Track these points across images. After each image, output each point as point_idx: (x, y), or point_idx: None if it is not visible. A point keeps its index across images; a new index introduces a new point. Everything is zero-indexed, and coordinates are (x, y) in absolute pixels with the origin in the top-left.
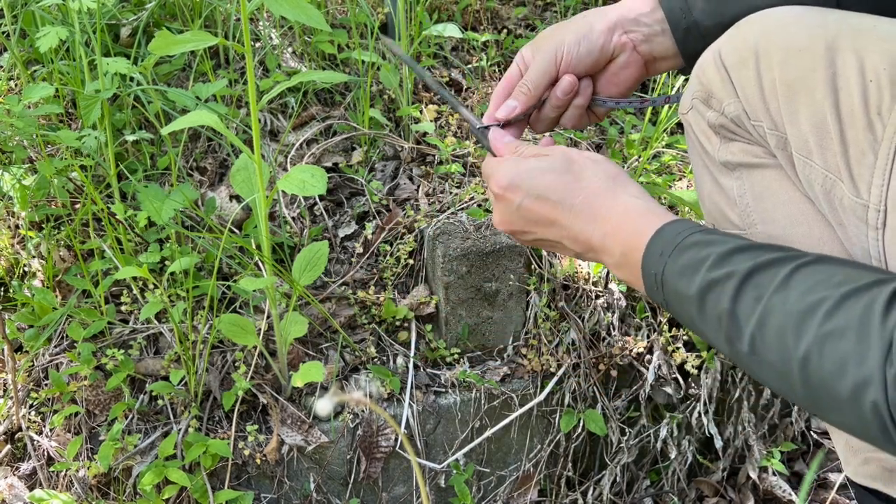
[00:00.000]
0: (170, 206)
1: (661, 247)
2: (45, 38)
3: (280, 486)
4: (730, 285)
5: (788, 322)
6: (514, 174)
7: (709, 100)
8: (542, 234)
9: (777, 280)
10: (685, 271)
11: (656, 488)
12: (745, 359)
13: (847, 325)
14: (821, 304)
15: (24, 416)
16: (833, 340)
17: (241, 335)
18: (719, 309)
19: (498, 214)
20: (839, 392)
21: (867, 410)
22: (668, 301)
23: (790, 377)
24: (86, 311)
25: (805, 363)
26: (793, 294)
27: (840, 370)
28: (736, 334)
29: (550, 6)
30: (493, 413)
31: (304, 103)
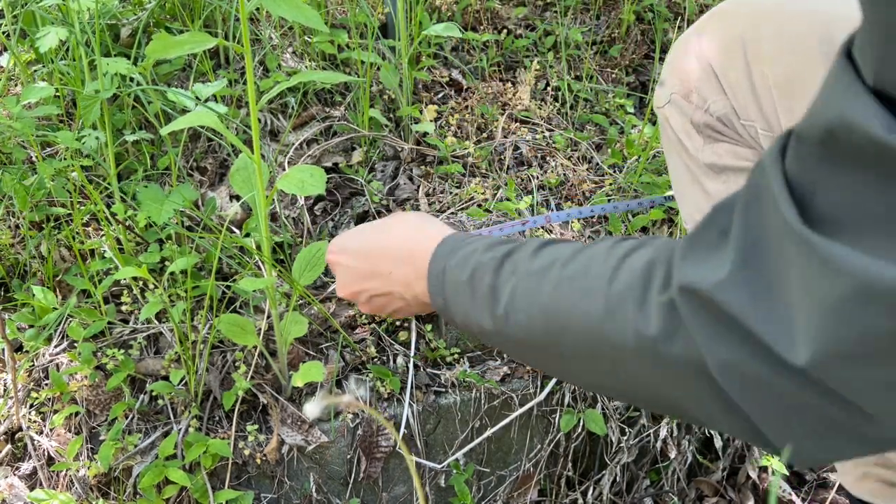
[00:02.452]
0: (169, 207)
1: (443, 249)
2: (45, 39)
3: (280, 486)
4: (492, 264)
5: (533, 279)
6: (340, 240)
7: (689, 95)
8: (374, 288)
9: (527, 253)
10: (460, 263)
11: (656, 488)
12: (501, 325)
13: (576, 269)
14: (559, 258)
15: (24, 415)
16: (567, 283)
17: (240, 335)
18: (484, 285)
19: (337, 282)
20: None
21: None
22: (447, 299)
23: (535, 328)
24: (86, 311)
25: (545, 309)
26: (538, 260)
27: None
28: (495, 303)
29: (550, 6)
30: (493, 413)
31: (304, 103)
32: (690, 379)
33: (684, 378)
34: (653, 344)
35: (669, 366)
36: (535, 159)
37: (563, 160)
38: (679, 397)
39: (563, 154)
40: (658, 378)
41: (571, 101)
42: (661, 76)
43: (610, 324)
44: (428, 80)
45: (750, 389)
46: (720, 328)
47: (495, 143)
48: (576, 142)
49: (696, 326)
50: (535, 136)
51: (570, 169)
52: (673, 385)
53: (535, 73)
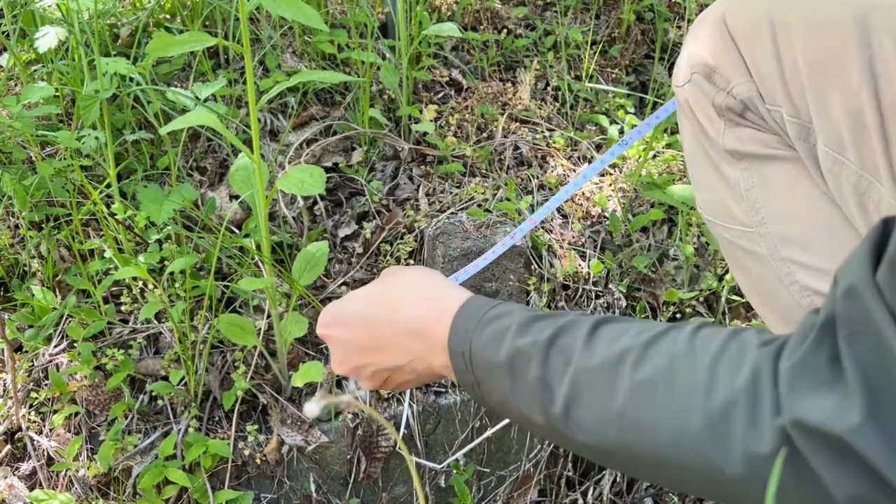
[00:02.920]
0: (169, 207)
1: (464, 324)
2: (44, 39)
3: (280, 486)
4: (536, 352)
5: (598, 377)
6: (332, 311)
7: (712, 75)
8: (379, 362)
9: (580, 339)
10: (491, 342)
11: (656, 488)
12: (560, 425)
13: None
14: (627, 353)
15: (23, 416)
16: (645, 391)
17: (240, 335)
18: (530, 377)
19: (333, 358)
20: (661, 448)
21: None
22: (479, 380)
23: (607, 435)
24: (85, 311)
25: (621, 418)
26: (597, 351)
27: (657, 421)
28: (549, 399)
29: (550, 6)
30: (493, 413)
31: (303, 103)
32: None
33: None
34: (769, 468)
35: (785, 490)
36: (535, 159)
37: (563, 160)
38: None
39: (563, 154)
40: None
41: (571, 101)
42: (682, 52)
43: (712, 443)
44: (428, 80)
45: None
46: (850, 469)
47: (495, 143)
48: (576, 142)
49: (821, 464)
50: (535, 135)
51: (571, 169)
52: None
53: (535, 72)
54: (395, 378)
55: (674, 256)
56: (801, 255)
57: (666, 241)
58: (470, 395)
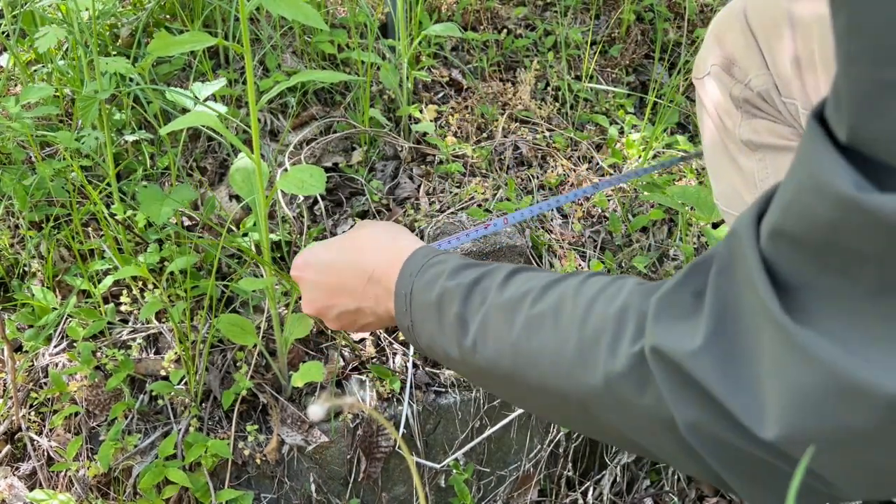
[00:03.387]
0: (168, 207)
1: (410, 269)
2: (44, 39)
3: (280, 486)
4: (459, 292)
5: (503, 312)
6: (305, 255)
7: (731, 68)
8: (343, 304)
9: (497, 281)
10: (427, 284)
11: (656, 488)
12: (469, 356)
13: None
14: (529, 293)
15: (23, 416)
16: (536, 323)
17: (240, 335)
18: (452, 313)
19: (303, 298)
20: (542, 376)
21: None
22: (413, 320)
23: (502, 363)
24: (85, 311)
25: (514, 346)
26: (508, 290)
27: (541, 348)
28: (463, 333)
29: (550, 6)
30: (492, 413)
31: (303, 103)
32: (658, 428)
33: (651, 426)
34: (623, 388)
35: (638, 413)
36: (535, 159)
37: (563, 160)
38: (645, 442)
39: (563, 154)
40: (625, 422)
41: (571, 101)
42: (703, 45)
43: (580, 367)
44: (428, 80)
45: (717, 449)
46: (689, 393)
47: (495, 143)
48: (576, 142)
49: (667, 388)
50: (535, 135)
51: (571, 169)
52: (640, 431)
53: (535, 72)
54: (359, 320)
55: (674, 256)
56: None
57: (666, 241)
58: (406, 338)
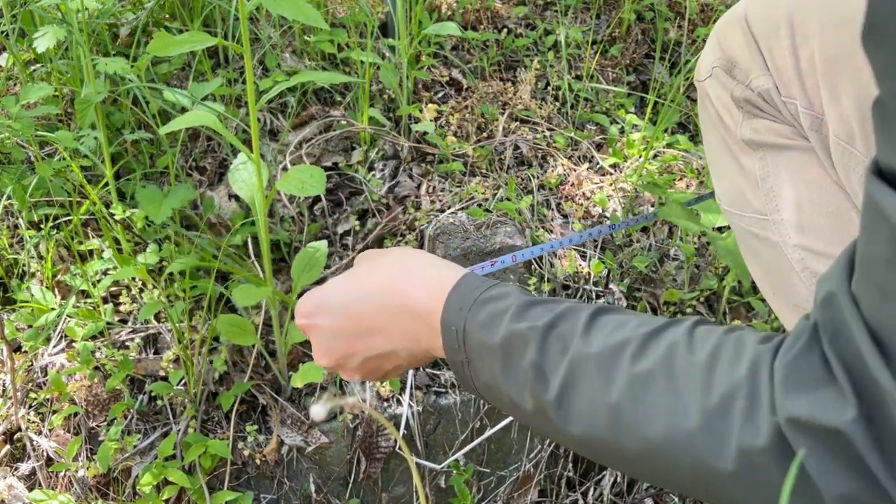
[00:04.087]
0: (167, 207)
1: (459, 302)
2: (43, 39)
3: (280, 487)
4: (532, 336)
5: (595, 366)
6: (312, 298)
7: (732, 69)
8: (369, 348)
9: (579, 327)
10: (487, 323)
11: (657, 488)
12: (552, 413)
13: (654, 365)
14: (626, 345)
15: (23, 416)
16: (642, 382)
17: (240, 336)
18: (525, 361)
19: (316, 350)
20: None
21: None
22: (469, 358)
23: (599, 426)
24: (84, 312)
25: (616, 409)
26: (595, 339)
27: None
28: (543, 385)
29: (551, 5)
30: (493, 413)
31: (303, 103)
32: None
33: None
34: (763, 463)
35: (773, 489)
36: (536, 159)
37: (564, 160)
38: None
39: (563, 154)
40: (754, 497)
41: (572, 101)
42: (705, 49)
43: (706, 436)
44: (428, 80)
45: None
46: (840, 466)
47: (495, 143)
48: (576, 141)
49: (814, 461)
50: (535, 135)
51: (571, 168)
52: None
53: (536, 72)
54: (385, 365)
55: (674, 256)
56: (812, 242)
57: (666, 241)
58: (455, 373)
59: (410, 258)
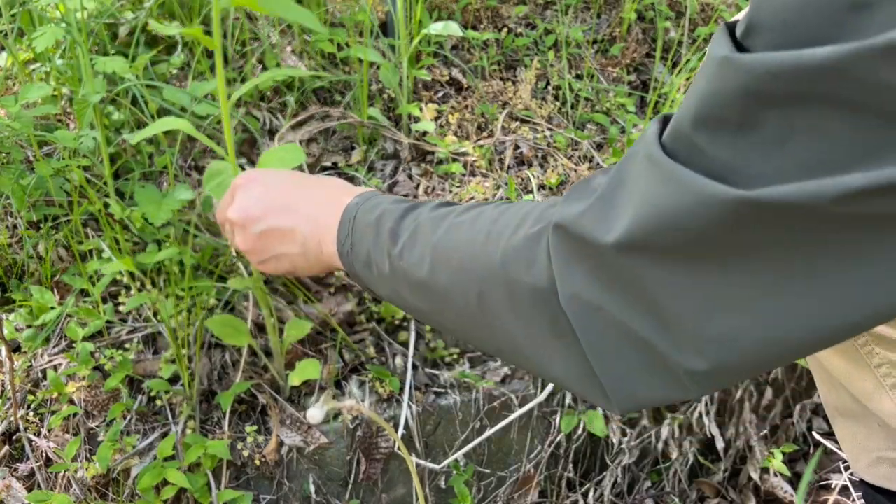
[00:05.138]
0: (167, 207)
1: (359, 200)
2: (42, 38)
3: (279, 488)
4: (396, 211)
5: (430, 222)
6: (260, 171)
7: None
8: (275, 221)
9: (431, 205)
10: (370, 209)
11: (657, 489)
12: (396, 263)
13: (471, 215)
14: (457, 209)
15: (22, 416)
16: (457, 225)
17: (233, 336)
18: (386, 228)
19: (234, 202)
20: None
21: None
22: (353, 242)
23: (423, 264)
24: (84, 311)
25: (435, 248)
26: (440, 210)
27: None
28: (393, 244)
29: (551, 5)
30: (493, 414)
31: (302, 102)
32: (538, 312)
33: (533, 311)
34: (516, 263)
35: (523, 294)
36: (536, 158)
37: (564, 159)
38: (523, 333)
39: (563, 153)
40: (511, 309)
41: (572, 100)
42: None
43: (484, 248)
44: (428, 79)
45: (585, 315)
46: (574, 258)
47: (495, 142)
48: (576, 141)
49: (556, 256)
50: (535, 135)
51: (571, 168)
52: (522, 319)
53: (536, 71)
54: (281, 246)
55: None
56: None
57: None
58: (343, 264)
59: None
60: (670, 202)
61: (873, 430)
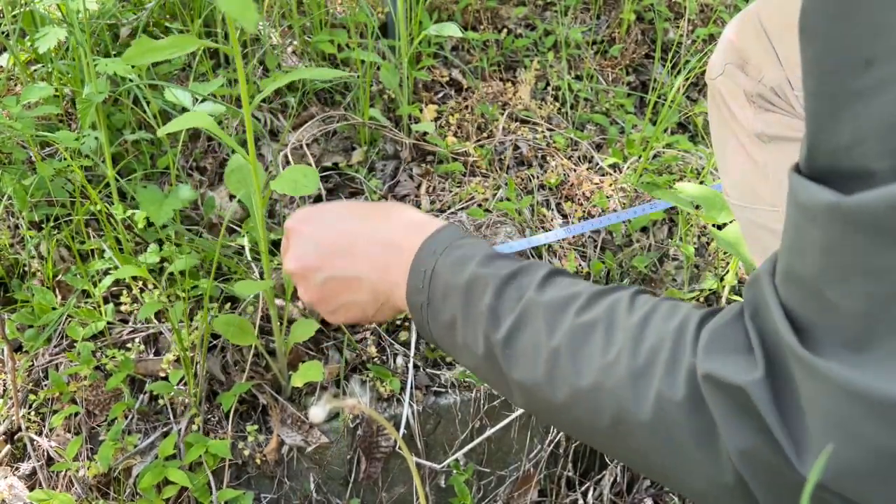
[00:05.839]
0: (168, 207)
1: (434, 246)
2: (44, 39)
3: (280, 487)
4: (493, 282)
5: (543, 313)
6: (312, 208)
7: (745, 66)
8: (337, 268)
9: (536, 279)
10: (455, 265)
11: (656, 488)
12: (498, 353)
13: (596, 317)
14: (575, 298)
15: (23, 416)
16: (583, 331)
17: (239, 335)
18: (483, 303)
19: (291, 251)
20: (582, 386)
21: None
22: (431, 299)
23: (537, 369)
24: (85, 311)
25: (555, 353)
26: (549, 292)
27: (586, 359)
28: (495, 326)
29: (551, 6)
30: (493, 413)
31: (303, 103)
32: (702, 456)
33: (694, 453)
34: (675, 412)
35: (685, 437)
36: (536, 159)
37: (564, 160)
38: (681, 470)
39: (563, 154)
40: (662, 445)
41: (572, 101)
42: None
43: (630, 386)
44: (428, 80)
45: (766, 478)
46: (744, 421)
47: (495, 143)
48: (576, 141)
49: (721, 413)
50: (535, 135)
51: (571, 169)
52: (683, 457)
53: (536, 72)
54: (344, 294)
55: (674, 256)
56: None
57: (666, 241)
58: (412, 316)
59: (414, 210)
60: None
61: None
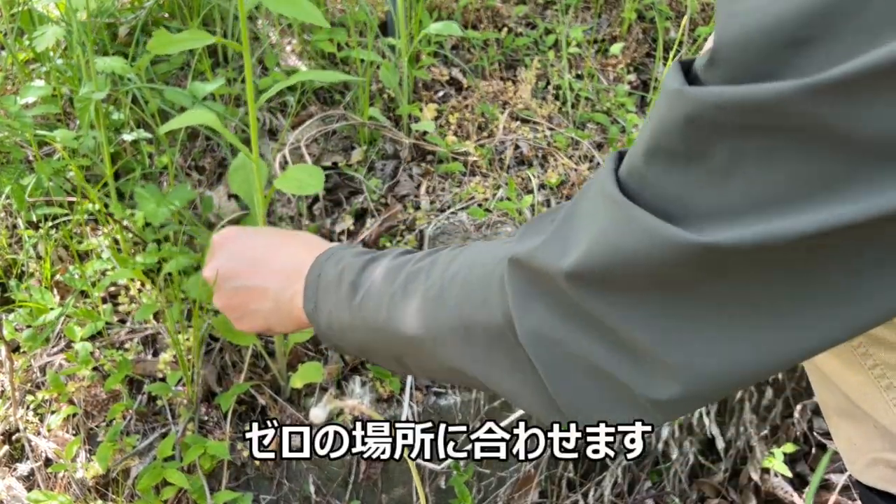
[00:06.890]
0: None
1: (326, 255)
2: (42, 38)
3: (279, 488)
4: (358, 263)
5: (387, 273)
6: (238, 228)
7: None
8: (250, 279)
9: (391, 254)
10: (333, 264)
11: (658, 489)
12: (357, 317)
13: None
14: (415, 257)
15: (21, 416)
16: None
17: (237, 336)
18: (347, 282)
19: (213, 260)
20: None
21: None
22: (317, 300)
23: (379, 313)
24: (83, 312)
25: (392, 297)
26: (398, 259)
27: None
28: (354, 295)
29: (551, 4)
30: (493, 414)
31: (302, 102)
32: (496, 344)
33: (489, 344)
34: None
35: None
36: (536, 158)
37: (564, 159)
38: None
39: (563, 153)
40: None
41: (572, 100)
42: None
43: (440, 293)
44: (428, 79)
45: (544, 349)
46: (530, 289)
47: (496, 142)
48: (577, 141)
49: (512, 291)
50: (535, 135)
51: (571, 168)
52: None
53: (536, 71)
54: (251, 302)
55: None
56: None
57: None
58: (311, 322)
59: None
60: (623, 240)
61: (869, 431)
